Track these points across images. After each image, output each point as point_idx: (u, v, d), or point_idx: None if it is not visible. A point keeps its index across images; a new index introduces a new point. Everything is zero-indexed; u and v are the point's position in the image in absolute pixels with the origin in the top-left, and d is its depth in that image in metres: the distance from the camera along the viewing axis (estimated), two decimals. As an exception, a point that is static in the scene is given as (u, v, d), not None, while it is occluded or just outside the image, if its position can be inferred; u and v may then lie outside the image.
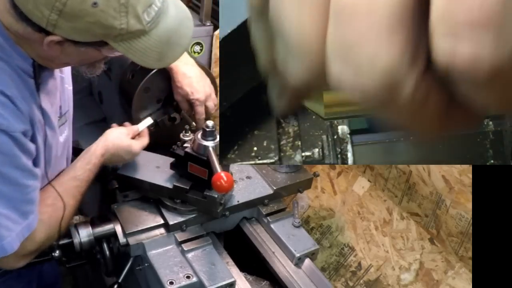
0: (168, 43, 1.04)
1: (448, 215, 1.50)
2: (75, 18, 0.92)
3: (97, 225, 1.27)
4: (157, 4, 1.00)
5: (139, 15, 0.96)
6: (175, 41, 1.06)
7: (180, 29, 1.07)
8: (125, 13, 0.95)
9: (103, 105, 1.97)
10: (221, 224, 1.41)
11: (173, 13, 1.06)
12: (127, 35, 0.97)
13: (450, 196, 1.49)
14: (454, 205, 1.48)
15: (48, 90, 1.14)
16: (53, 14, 0.91)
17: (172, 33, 1.04)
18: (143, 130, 1.43)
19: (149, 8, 0.98)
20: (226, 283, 1.19)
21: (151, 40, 1.01)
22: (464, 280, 1.48)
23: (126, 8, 0.94)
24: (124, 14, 0.95)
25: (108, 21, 0.94)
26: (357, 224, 1.75)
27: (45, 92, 1.13)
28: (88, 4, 0.91)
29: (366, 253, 1.69)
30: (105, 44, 1.00)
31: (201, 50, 1.80)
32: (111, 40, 0.98)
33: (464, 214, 1.46)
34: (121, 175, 1.36)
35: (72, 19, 0.92)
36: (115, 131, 1.36)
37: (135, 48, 1.00)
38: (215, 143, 1.24)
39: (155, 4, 0.99)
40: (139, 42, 1.00)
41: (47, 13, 0.91)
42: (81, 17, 0.92)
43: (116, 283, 1.26)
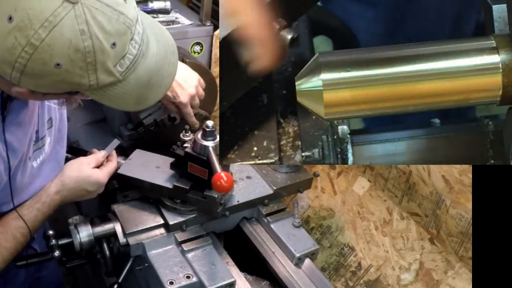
0: (148, 86, 0.97)
1: (448, 215, 1.50)
2: (38, 77, 0.87)
3: (97, 225, 1.27)
4: (132, 52, 0.92)
5: (110, 69, 0.90)
6: (156, 82, 0.98)
7: (162, 69, 0.98)
8: (93, 70, 0.88)
9: (103, 105, 1.96)
10: (221, 224, 1.41)
11: (154, 51, 0.97)
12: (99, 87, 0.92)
13: (450, 196, 1.49)
14: (454, 205, 1.48)
15: (19, 121, 1.09)
16: (15, 72, 0.86)
17: (153, 74, 0.96)
18: (111, 154, 1.36)
19: (122, 59, 0.91)
20: (226, 283, 1.19)
21: (128, 85, 0.94)
22: (464, 280, 1.48)
23: (94, 66, 0.88)
24: (92, 71, 0.88)
25: (74, 80, 0.88)
26: (357, 224, 1.75)
27: (14, 123, 1.07)
28: (50, 65, 0.85)
29: (366, 253, 1.69)
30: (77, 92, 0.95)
31: (201, 50, 1.80)
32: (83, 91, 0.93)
33: (464, 214, 1.46)
34: (121, 175, 1.36)
35: (35, 77, 0.87)
36: (74, 163, 1.29)
37: (110, 95, 0.94)
38: (215, 143, 1.24)
39: (129, 53, 0.91)
40: (115, 89, 0.93)
41: (9, 71, 0.87)
42: (45, 77, 0.87)
43: (116, 283, 1.26)
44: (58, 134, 1.30)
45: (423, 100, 0.95)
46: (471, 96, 0.95)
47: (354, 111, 0.97)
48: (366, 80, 0.94)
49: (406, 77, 0.94)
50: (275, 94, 1.26)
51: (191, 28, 1.76)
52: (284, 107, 1.24)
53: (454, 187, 1.47)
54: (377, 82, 0.94)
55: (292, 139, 1.19)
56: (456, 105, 0.97)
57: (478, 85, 0.94)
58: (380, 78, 0.94)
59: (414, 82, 0.94)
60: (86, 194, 1.29)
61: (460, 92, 0.95)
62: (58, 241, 1.22)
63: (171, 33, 1.73)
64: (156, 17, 1.78)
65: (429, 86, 0.94)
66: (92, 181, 1.28)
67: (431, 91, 0.94)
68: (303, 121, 1.21)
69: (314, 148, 1.16)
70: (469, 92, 0.95)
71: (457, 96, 0.95)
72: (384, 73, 0.94)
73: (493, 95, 0.95)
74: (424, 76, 0.94)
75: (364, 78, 0.94)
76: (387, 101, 0.95)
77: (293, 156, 1.17)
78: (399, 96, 0.95)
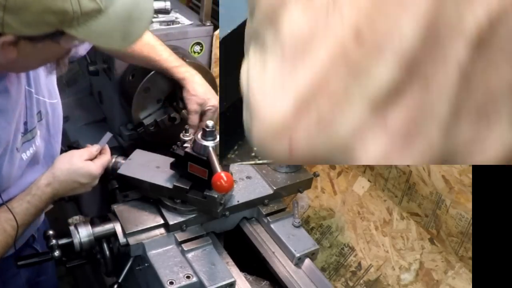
0: (129, 19, 0.96)
1: (448, 215, 1.50)
2: (21, 10, 0.85)
3: (97, 225, 1.27)
4: None
5: None
6: (137, 16, 0.97)
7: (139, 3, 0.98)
8: None
9: (103, 105, 1.97)
10: (221, 224, 1.41)
11: None
12: (83, 17, 0.89)
13: (450, 196, 1.49)
14: (454, 205, 1.48)
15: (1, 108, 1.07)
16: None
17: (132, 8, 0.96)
18: (104, 148, 1.36)
19: None
20: (226, 283, 1.19)
21: (111, 19, 0.93)
22: (464, 280, 1.48)
23: None
24: None
25: (57, 5, 0.86)
26: (357, 224, 1.75)
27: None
28: None
29: (366, 253, 1.69)
30: (63, 34, 0.92)
31: (201, 50, 1.80)
32: (68, 27, 0.90)
33: (464, 214, 1.46)
34: (121, 175, 1.36)
35: (18, 12, 0.85)
36: (65, 155, 1.27)
37: (96, 31, 0.92)
38: (215, 143, 1.24)
39: None
40: (99, 24, 0.92)
41: None
42: (27, 8, 0.85)
43: (116, 283, 1.26)
44: (53, 129, 1.29)
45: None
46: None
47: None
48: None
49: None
50: (275, 94, 1.26)
51: (191, 28, 1.76)
52: (284, 107, 1.24)
53: (454, 187, 1.47)
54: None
55: (292, 139, 1.19)
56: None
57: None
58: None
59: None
60: (79, 187, 1.27)
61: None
62: (58, 241, 1.22)
63: (171, 33, 1.74)
64: (156, 17, 1.78)
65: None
66: (84, 173, 1.26)
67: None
68: (303, 121, 1.21)
69: (314, 148, 1.16)
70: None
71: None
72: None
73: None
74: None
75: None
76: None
77: (293, 156, 1.16)
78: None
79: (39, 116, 1.23)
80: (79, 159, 1.27)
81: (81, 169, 1.25)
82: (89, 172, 1.26)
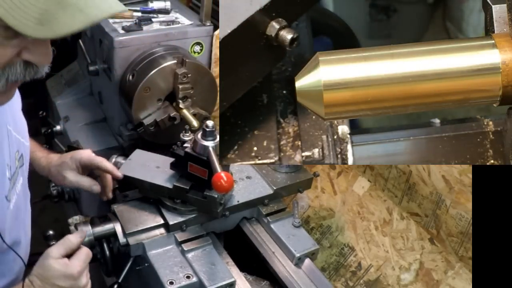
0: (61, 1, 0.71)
1: (448, 215, 1.50)
2: None
3: (97, 225, 1.27)
4: None
5: None
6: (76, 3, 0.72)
7: None
8: None
9: (103, 105, 1.97)
10: (221, 224, 1.41)
11: None
12: None
13: (450, 196, 1.49)
14: (454, 205, 1.48)
15: None
16: None
17: None
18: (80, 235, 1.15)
19: None
20: (226, 283, 1.19)
21: None
22: (464, 280, 1.48)
23: None
24: None
25: None
26: (357, 224, 1.75)
27: None
28: None
29: (366, 253, 1.69)
30: None
31: (201, 50, 1.80)
32: None
33: (464, 214, 1.46)
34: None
35: None
36: (41, 259, 1.07)
37: None
38: (215, 143, 1.24)
39: None
40: None
41: None
42: None
43: (116, 283, 1.26)
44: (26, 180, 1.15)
45: (423, 100, 0.95)
46: (470, 96, 0.95)
47: (354, 111, 0.97)
48: (366, 80, 0.94)
49: (406, 77, 0.94)
50: (275, 94, 1.26)
51: (191, 28, 1.76)
52: (284, 107, 1.25)
53: (454, 187, 1.47)
54: (377, 82, 0.94)
55: (292, 139, 1.19)
56: (456, 105, 0.97)
57: (477, 85, 0.94)
58: (380, 78, 0.94)
59: (414, 82, 0.94)
60: None
61: (460, 92, 0.95)
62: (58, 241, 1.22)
63: (171, 33, 1.74)
64: (156, 17, 1.78)
65: (429, 86, 0.94)
66: (59, 276, 1.05)
67: (431, 91, 0.94)
68: (303, 121, 1.21)
69: (314, 148, 1.16)
70: (469, 92, 0.95)
71: (456, 96, 0.95)
72: (384, 73, 0.94)
73: (493, 95, 0.95)
74: (424, 76, 0.94)
75: (364, 78, 0.94)
76: (387, 101, 0.95)
77: (293, 156, 1.17)
78: (399, 96, 0.95)
79: (21, 161, 1.09)
80: (54, 261, 1.06)
81: (57, 272, 1.04)
82: (65, 274, 1.05)
